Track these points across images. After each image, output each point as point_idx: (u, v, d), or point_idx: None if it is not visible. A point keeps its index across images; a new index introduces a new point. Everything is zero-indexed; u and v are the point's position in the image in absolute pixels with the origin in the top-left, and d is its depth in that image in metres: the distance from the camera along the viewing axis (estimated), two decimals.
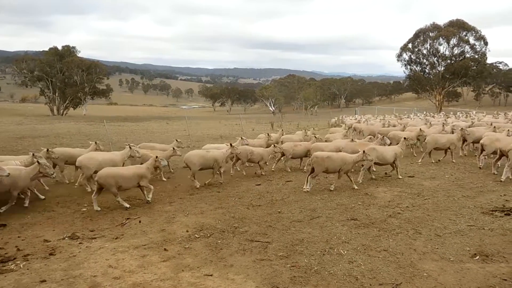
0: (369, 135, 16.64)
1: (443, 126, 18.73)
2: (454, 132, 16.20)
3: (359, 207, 9.35)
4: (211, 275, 5.93)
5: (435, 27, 66.51)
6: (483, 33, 64.48)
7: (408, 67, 70.49)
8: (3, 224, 8.30)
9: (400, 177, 12.33)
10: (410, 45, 68.77)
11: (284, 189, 11.37)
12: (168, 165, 13.51)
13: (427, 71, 69.54)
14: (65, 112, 71.73)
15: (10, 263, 6.37)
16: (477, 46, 64.75)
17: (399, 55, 70.28)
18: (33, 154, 10.61)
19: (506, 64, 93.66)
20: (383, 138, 13.86)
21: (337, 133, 19.33)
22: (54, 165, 12.05)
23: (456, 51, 65.74)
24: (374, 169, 12.93)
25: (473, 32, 64.68)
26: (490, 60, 78.16)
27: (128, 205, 9.60)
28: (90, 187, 11.12)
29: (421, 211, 8.89)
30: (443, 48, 66.33)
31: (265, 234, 7.67)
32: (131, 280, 5.79)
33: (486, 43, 64.35)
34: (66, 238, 7.55)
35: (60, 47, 72.76)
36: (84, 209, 9.54)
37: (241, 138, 15.12)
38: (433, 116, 32.39)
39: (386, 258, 6.41)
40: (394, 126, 21.36)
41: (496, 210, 8.69)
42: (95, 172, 10.25)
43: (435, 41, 66.02)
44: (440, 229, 7.70)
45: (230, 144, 12.92)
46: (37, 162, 9.53)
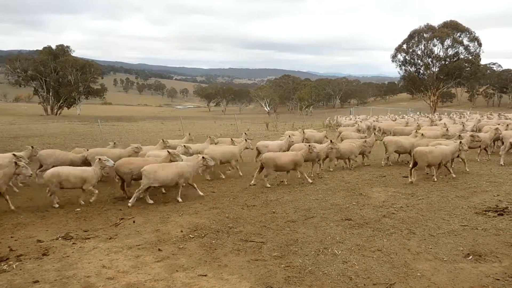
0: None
1: (463, 127, 19.08)
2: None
3: (354, 207, 9.37)
4: (205, 275, 5.92)
5: (430, 28, 66.76)
6: (477, 34, 64.89)
7: (403, 68, 70.68)
8: None
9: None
10: (405, 46, 68.98)
11: (279, 189, 11.38)
12: None
13: (422, 72, 69.76)
14: (59, 112, 71.31)
15: (3, 264, 6.32)
16: (471, 47, 65.07)
17: (394, 56, 70.47)
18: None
19: (500, 65, 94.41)
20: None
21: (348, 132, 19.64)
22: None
23: (450, 52, 66.01)
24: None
25: (467, 33, 64.99)
26: (484, 61, 78.66)
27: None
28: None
29: (415, 211, 8.92)
30: (438, 49, 66.60)
31: (260, 234, 7.67)
32: (125, 281, 5.76)
33: (480, 44, 64.70)
34: (60, 238, 7.50)
35: (54, 47, 72.37)
36: (78, 209, 9.49)
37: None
38: (428, 117, 32.57)
39: (380, 258, 6.43)
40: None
41: (489, 210, 8.73)
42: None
43: (430, 42, 66.24)
44: (434, 229, 7.73)
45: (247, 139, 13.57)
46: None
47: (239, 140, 15.57)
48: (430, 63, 67.73)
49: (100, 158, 10.22)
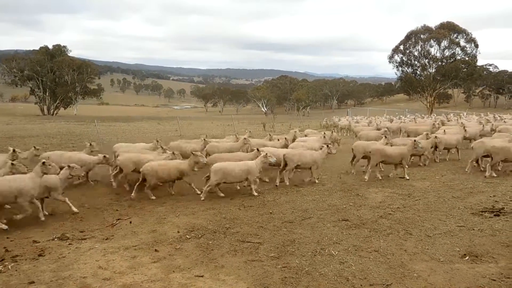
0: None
1: (483, 127, 19.17)
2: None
3: (351, 208, 9.38)
4: (202, 276, 5.91)
5: (427, 29, 67.00)
6: (474, 36, 65.18)
7: (400, 69, 70.95)
8: None
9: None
10: (402, 47, 69.23)
11: (276, 190, 11.37)
12: None
13: (419, 73, 70.02)
14: (56, 112, 71.08)
15: None
16: (468, 48, 65.41)
17: (391, 57, 70.74)
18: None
19: (496, 67, 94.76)
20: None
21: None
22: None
23: (447, 53, 66.31)
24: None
25: (464, 35, 65.30)
26: (481, 62, 78.86)
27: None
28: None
29: (412, 212, 8.93)
30: (434, 50, 66.90)
31: (257, 235, 7.66)
32: (121, 281, 5.75)
33: (477, 45, 65.02)
34: (56, 239, 7.48)
35: (51, 46, 72.11)
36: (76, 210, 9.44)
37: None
38: (423, 117, 32.67)
39: (377, 259, 6.43)
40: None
41: (486, 211, 8.76)
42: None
43: (426, 43, 66.51)
44: (431, 230, 7.74)
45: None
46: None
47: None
48: (427, 64, 68.01)
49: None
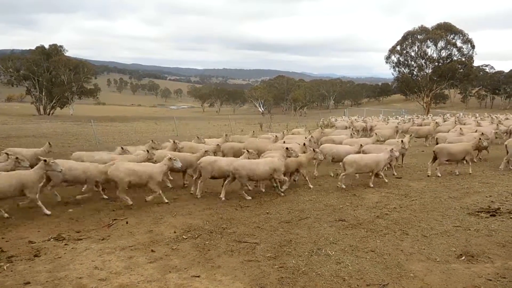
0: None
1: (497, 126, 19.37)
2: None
3: (347, 208, 9.38)
4: (199, 276, 5.90)
5: (423, 30, 67.20)
6: (470, 36, 65.44)
7: (397, 69, 71.14)
8: None
9: None
10: (399, 47, 69.39)
11: (272, 190, 11.34)
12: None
13: (415, 73, 70.24)
14: (52, 112, 70.86)
15: None
16: (464, 49, 65.66)
17: (388, 57, 70.89)
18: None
19: (493, 67, 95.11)
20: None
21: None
22: None
23: (444, 54, 66.55)
24: None
25: (461, 35, 65.54)
26: (477, 63, 79.32)
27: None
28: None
29: (408, 212, 8.95)
30: (431, 51, 67.13)
31: (253, 235, 7.65)
32: (117, 282, 5.72)
33: (473, 46, 65.28)
34: (52, 240, 7.44)
35: (47, 46, 71.91)
36: (70, 210, 9.42)
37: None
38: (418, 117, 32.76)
39: (374, 259, 6.44)
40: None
41: (482, 211, 8.79)
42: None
43: (423, 44, 66.71)
44: (427, 230, 7.76)
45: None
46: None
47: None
48: (424, 65, 68.23)
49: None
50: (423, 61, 67.92)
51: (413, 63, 69.22)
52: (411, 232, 7.65)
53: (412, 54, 68.47)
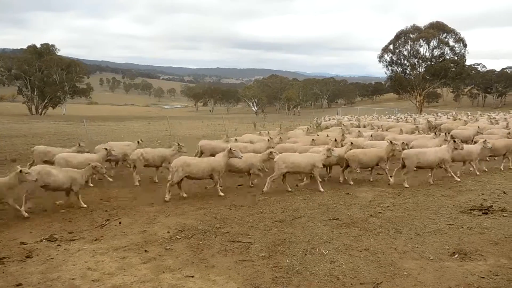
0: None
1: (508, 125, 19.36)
2: None
3: (341, 207, 9.40)
4: (192, 277, 5.88)
5: (416, 29, 67.56)
6: (462, 35, 65.85)
7: (390, 68, 71.44)
8: None
9: None
10: (391, 47, 69.71)
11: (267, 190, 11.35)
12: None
13: (408, 72, 70.60)
14: (44, 112, 70.33)
15: None
16: (457, 48, 66.11)
17: (381, 56, 71.19)
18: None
19: (484, 66, 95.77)
20: None
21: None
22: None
23: (436, 53, 66.95)
24: None
25: (453, 34, 65.96)
26: (469, 62, 79.66)
27: None
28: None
29: (402, 211, 8.98)
30: (424, 50, 67.50)
31: (247, 235, 7.64)
32: (111, 283, 5.69)
33: (465, 45, 65.74)
34: (44, 240, 7.38)
35: (39, 45, 71.41)
36: (63, 210, 9.35)
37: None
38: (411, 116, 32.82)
39: (367, 258, 6.45)
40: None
41: (475, 209, 8.84)
42: None
43: (416, 43, 67.05)
44: (420, 228, 7.79)
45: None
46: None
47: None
48: (416, 64, 68.60)
49: None
50: (416, 60, 68.29)
51: (406, 62, 69.58)
52: (405, 231, 7.68)
53: (405, 53, 68.84)
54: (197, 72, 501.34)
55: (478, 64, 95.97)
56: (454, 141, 11.94)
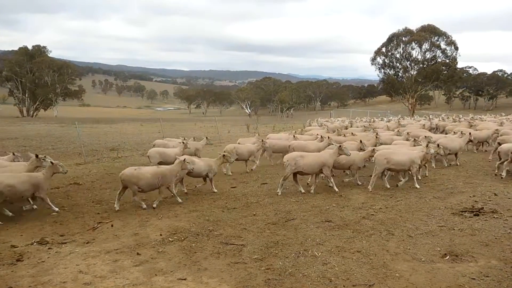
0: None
1: None
2: None
3: (334, 209, 9.42)
4: (185, 279, 5.86)
5: (408, 32, 68.05)
6: (454, 38, 66.44)
7: (382, 71, 71.91)
8: None
9: None
10: (384, 49, 70.16)
11: (259, 192, 11.36)
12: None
13: (400, 75, 71.07)
14: (35, 114, 69.86)
15: None
16: (448, 51, 66.71)
17: (373, 59, 71.60)
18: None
19: (476, 69, 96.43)
20: None
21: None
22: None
23: (428, 56, 67.52)
24: None
25: (444, 37, 66.54)
26: (461, 65, 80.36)
27: None
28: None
29: (394, 213, 9.02)
30: (416, 53, 68.05)
31: (240, 237, 7.63)
32: (102, 286, 5.65)
33: (457, 48, 66.34)
34: (35, 243, 7.32)
35: (30, 47, 70.95)
36: (54, 213, 9.27)
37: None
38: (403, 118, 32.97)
39: (360, 259, 6.47)
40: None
41: (466, 211, 8.90)
42: None
43: (408, 46, 67.56)
44: (412, 230, 7.83)
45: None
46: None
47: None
48: (409, 66, 69.08)
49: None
50: (408, 63, 68.79)
51: (398, 65, 70.06)
52: (397, 233, 7.72)
53: (397, 56, 69.33)
54: (190, 74, 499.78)
55: (470, 67, 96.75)
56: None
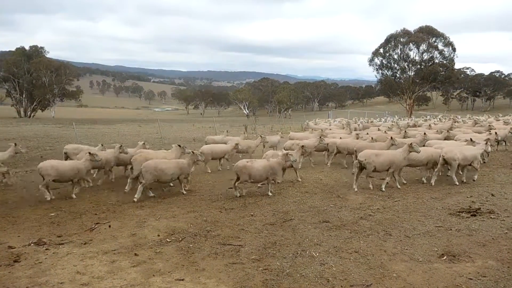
0: None
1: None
2: None
3: (331, 210, 9.43)
4: (183, 280, 5.86)
5: (406, 33, 68.09)
6: (451, 39, 66.55)
7: (380, 72, 71.83)
8: None
9: None
10: (382, 50, 70.13)
11: (257, 192, 11.37)
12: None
13: (398, 76, 71.05)
14: (33, 114, 69.61)
15: None
16: (446, 52, 66.68)
17: (371, 60, 71.57)
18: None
19: (473, 70, 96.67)
20: None
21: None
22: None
23: (426, 57, 67.47)
24: None
25: (442, 38, 66.58)
26: (458, 66, 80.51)
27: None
28: None
29: (391, 213, 9.04)
30: (413, 54, 67.98)
31: (238, 238, 7.64)
32: (100, 287, 5.65)
33: (454, 49, 66.35)
34: (32, 244, 7.31)
35: (28, 47, 70.71)
36: (52, 214, 9.26)
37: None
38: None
39: (357, 260, 6.48)
40: None
41: (463, 211, 8.92)
42: None
43: (406, 47, 67.55)
44: (410, 230, 7.85)
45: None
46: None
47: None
48: (406, 67, 69.07)
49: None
50: (406, 64, 68.76)
51: (396, 66, 70.02)
52: (394, 233, 7.73)
53: (395, 57, 69.27)
54: (188, 75, 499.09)
55: (467, 68, 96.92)
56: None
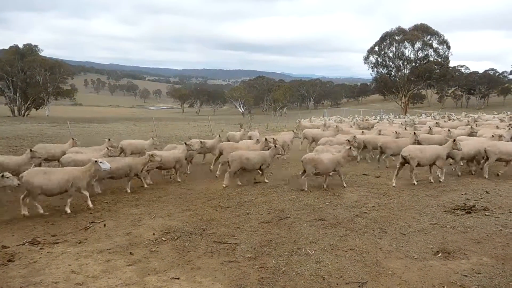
0: None
1: None
2: None
3: (327, 207, 9.44)
4: (178, 278, 5.84)
5: (401, 31, 68.27)
6: (446, 37, 66.81)
7: (375, 70, 72.02)
8: None
9: None
10: (377, 48, 70.29)
11: (253, 191, 11.36)
12: None
13: (393, 74, 71.25)
14: (27, 113, 69.15)
15: None
16: (440, 50, 66.97)
17: (366, 58, 71.73)
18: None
19: (468, 68, 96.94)
20: None
21: None
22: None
23: (421, 55, 67.72)
24: None
25: (437, 36, 66.84)
26: (453, 64, 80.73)
27: None
28: None
29: (387, 211, 9.06)
30: (408, 51, 68.22)
31: (233, 236, 7.63)
32: (95, 286, 5.62)
33: (449, 47, 66.65)
34: (26, 244, 7.25)
35: (21, 46, 70.25)
36: (46, 213, 9.20)
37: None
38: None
39: (353, 257, 6.50)
40: None
41: (458, 209, 8.97)
42: None
43: (401, 45, 67.75)
44: (405, 228, 7.87)
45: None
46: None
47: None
48: (401, 65, 69.30)
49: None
50: (401, 62, 68.98)
51: (391, 64, 70.22)
52: (390, 230, 7.75)
53: (390, 55, 69.48)
54: (183, 73, 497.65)
55: (462, 66, 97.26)
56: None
